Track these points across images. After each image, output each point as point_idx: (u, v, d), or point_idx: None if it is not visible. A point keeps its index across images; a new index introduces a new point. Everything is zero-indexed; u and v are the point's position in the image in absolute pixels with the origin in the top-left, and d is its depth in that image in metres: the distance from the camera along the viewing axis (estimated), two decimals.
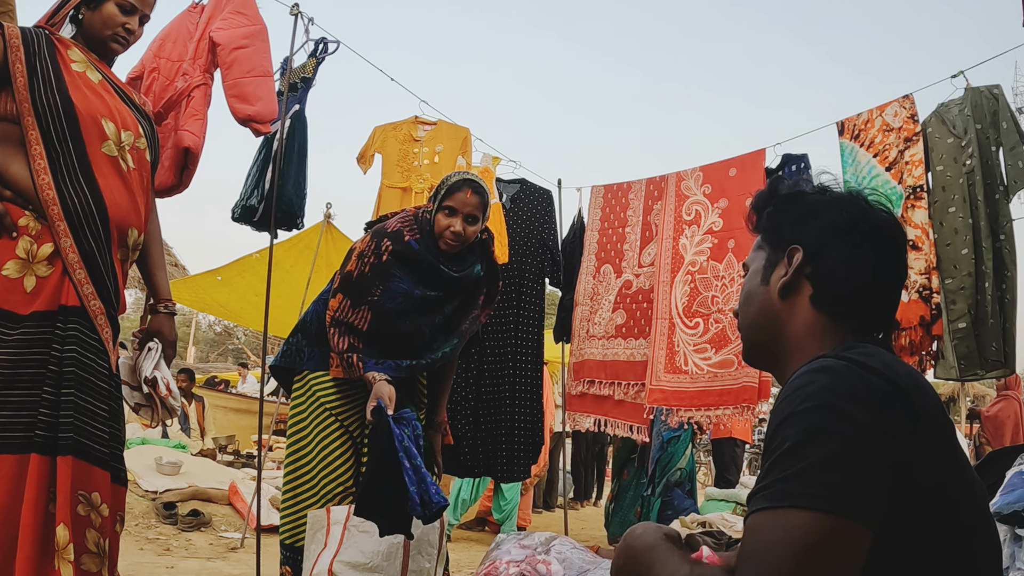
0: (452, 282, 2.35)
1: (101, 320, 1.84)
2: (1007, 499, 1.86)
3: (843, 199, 1.04)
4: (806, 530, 0.76)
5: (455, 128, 4.02)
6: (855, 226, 1.01)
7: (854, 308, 1.00)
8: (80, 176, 1.83)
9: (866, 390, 0.82)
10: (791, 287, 1.02)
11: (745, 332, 1.10)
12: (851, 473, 0.79)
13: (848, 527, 0.77)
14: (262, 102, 2.60)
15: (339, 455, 2.30)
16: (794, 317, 1.02)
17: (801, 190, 1.08)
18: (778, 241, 1.05)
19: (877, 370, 0.84)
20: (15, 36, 1.82)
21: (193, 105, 2.55)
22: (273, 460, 6.52)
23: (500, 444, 3.80)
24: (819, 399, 0.82)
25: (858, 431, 0.80)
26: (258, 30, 2.71)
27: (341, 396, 2.33)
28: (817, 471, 0.79)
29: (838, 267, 0.99)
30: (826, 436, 0.80)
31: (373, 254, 2.28)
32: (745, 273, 1.13)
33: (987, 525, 0.89)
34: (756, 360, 1.12)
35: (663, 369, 3.81)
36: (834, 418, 0.81)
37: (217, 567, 3.86)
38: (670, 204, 4.01)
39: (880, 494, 0.79)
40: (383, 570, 2.04)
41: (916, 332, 3.14)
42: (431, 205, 2.33)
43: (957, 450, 0.88)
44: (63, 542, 1.67)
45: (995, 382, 6.68)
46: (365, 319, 2.25)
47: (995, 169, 3.06)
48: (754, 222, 1.14)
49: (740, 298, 1.11)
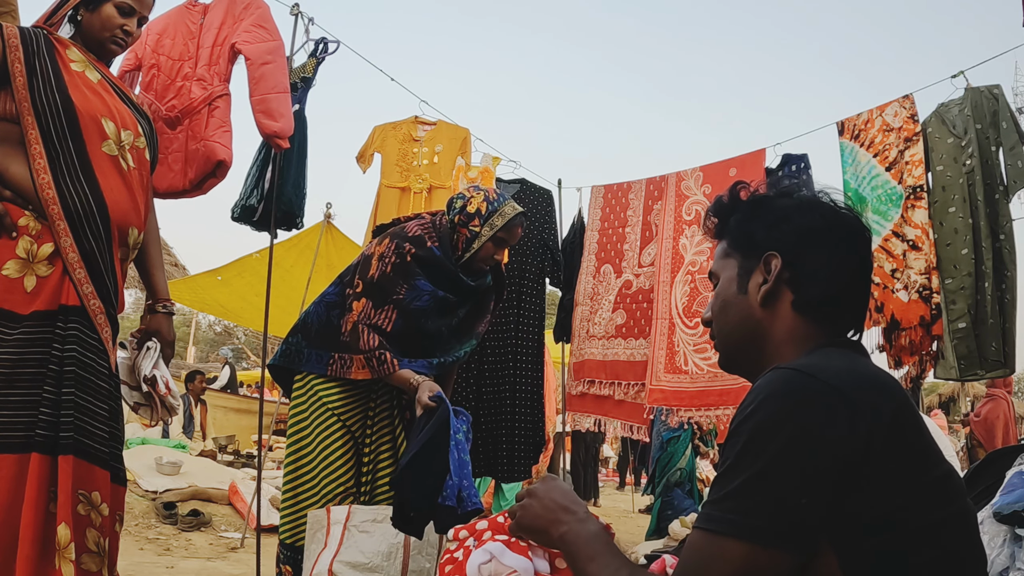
0: (469, 290, 2.40)
1: (101, 319, 1.84)
2: (1007, 499, 1.86)
3: (813, 202, 1.03)
4: (725, 558, 0.81)
5: (455, 128, 4.02)
6: (830, 229, 1.01)
7: (834, 310, 1.01)
8: (80, 175, 1.83)
9: (810, 409, 0.83)
10: (772, 295, 1.01)
11: (723, 341, 1.09)
12: (775, 499, 0.81)
13: (766, 555, 0.80)
14: (284, 119, 2.65)
15: (340, 455, 2.30)
16: (775, 324, 1.01)
17: (767, 195, 1.07)
18: (751, 248, 1.04)
19: (828, 384, 0.84)
20: (14, 36, 1.82)
21: (220, 115, 2.59)
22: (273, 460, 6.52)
23: (500, 444, 3.80)
24: (758, 421, 0.84)
25: (790, 454, 0.81)
26: (278, 46, 2.74)
27: (343, 396, 2.33)
28: (742, 497, 0.82)
29: (818, 271, 0.99)
30: (757, 460, 0.82)
31: (395, 254, 2.28)
32: (713, 281, 1.12)
33: (961, 517, 0.88)
34: (735, 368, 1.10)
35: (663, 369, 3.81)
36: (768, 442, 0.82)
37: (217, 567, 3.86)
38: (670, 204, 4.01)
39: (807, 517, 0.80)
40: (383, 570, 2.04)
41: (916, 332, 3.14)
42: (476, 223, 2.33)
43: (926, 447, 0.87)
44: (64, 541, 1.67)
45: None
46: (390, 319, 2.25)
47: (995, 169, 3.06)
48: (713, 228, 1.12)
49: (714, 308, 1.09)
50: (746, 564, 0.80)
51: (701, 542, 0.84)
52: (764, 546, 0.80)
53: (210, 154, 2.52)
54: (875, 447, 0.82)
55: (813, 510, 0.80)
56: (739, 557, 0.81)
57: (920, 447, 0.87)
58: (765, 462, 0.81)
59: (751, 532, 0.80)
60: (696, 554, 0.84)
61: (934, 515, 0.84)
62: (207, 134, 2.55)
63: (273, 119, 2.62)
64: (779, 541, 0.80)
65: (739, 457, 0.84)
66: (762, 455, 0.82)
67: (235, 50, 2.68)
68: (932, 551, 0.83)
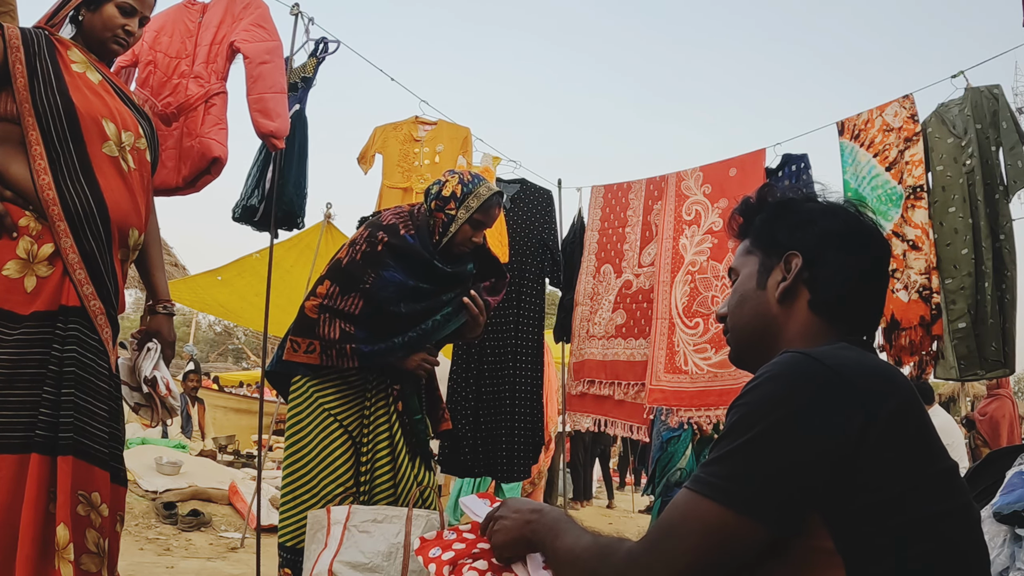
0: (446, 277, 2.36)
1: (101, 320, 1.84)
2: (1007, 499, 1.86)
3: (837, 208, 1.07)
4: (699, 517, 0.86)
5: (455, 128, 4.02)
6: (851, 233, 1.04)
7: (849, 311, 1.03)
8: (81, 176, 1.83)
9: (811, 389, 0.86)
10: (790, 292, 1.04)
11: (737, 335, 1.12)
12: (759, 470, 0.84)
13: (738, 521, 0.84)
14: (281, 119, 2.65)
15: (339, 456, 2.30)
16: (791, 321, 1.04)
17: (794, 198, 1.10)
18: (773, 246, 1.08)
19: (833, 368, 0.87)
20: (15, 37, 1.82)
21: (216, 113, 2.59)
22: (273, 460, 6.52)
23: (500, 444, 3.80)
24: (759, 394, 0.87)
25: (782, 430, 0.84)
26: (277, 46, 2.74)
27: (339, 397, 2.33)
28: (728, 464, 0.86)
29: (837, 273, 1.02)
30: (748, 431, 0.85)
31: (367, 243, 2.29)
32: (732, 278, 1.15)
33: (962, 512, 0.89)
34: (746, 362, 1.13)
35: (663, 369, 3.81)
36: (763, 416, 0.85)
37: (217, 567, 3.86)
38: (670, 204, 4.01)
39: (787, 493, 0.83)
40: (383, 570, 2.04)
41: (916, 332, 3.14)
42: (452, 207, 2.31)
43: (929, 441, 0.89)
44: (63, 542, 1.67)
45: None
46: (356, 306, 2.25)
47: (995, 169, 3.06)
48: (738, 227, 1.16)
49: (732, 302, 1.12)
50: (718, 526, 0.84)
51: (681, 499, 0.89)
52: (737, 512, 0.84)
53: (205, 151, 2.51)
54: (873, 434, 0.84)
55: (795, 488, 0.83)
56: (712, 518, 0.85)
57: (923, 440, 0.88)
58: (755, 434, 0.85)
59: (727, 496, 0.84)
60: (675, 509, 0.89)
61: (935, 507, 0.86)
62: (202, 131, 2.55)
63: (269, 118, 2.62)
64: (752, 510, 0.83)
65: (733, 426, 0.87)
66: (754, 427, 0.85)
67: (233, 49, 2.68)
68: (931, 543, 0.84)
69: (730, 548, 0.84)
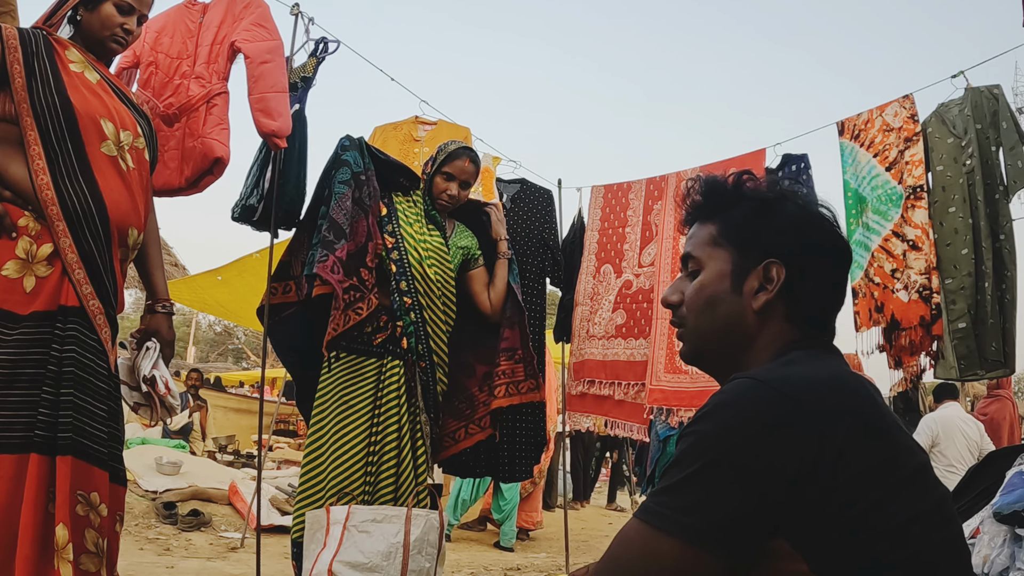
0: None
1: (100, 320, 1.84)
2: (1007, 499, 1.86)
3: (819, 217, 1.03)
4: (653, 551, 0.83)
5: (455, 128, 4.02)
6: (834, 249, 1.02)
7: (823, 324, 1.02)
8: (79, 176, 1.83)
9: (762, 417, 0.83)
10: (770, 304, 0.99)
11: (703, 336, 1.05)
12: (709, 500, 0.81)
13: (692, 552, 0.81)
14: (283, 118, 2.66)
15: (355, 455, 2.31)
16: (765, 330, 1.00)
17: (775, 198, 1.04)
18: (749, 247, 1.01)
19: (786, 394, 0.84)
20: (13, 37, 1.82)
21: (218, 113, 2.59)
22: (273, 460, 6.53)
23: (502, 444, 3.79)
24: (710, 422, 0.85)
25: (733, 458, 0.82)
26: (278, 46, 2.75)
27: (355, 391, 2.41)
28: (679, 494, 0.83)
29: (819, 287, 1.00)
30: (698, 460, 0.83)
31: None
32: (688, 266, 1.07)
33: (935, 511, 0.87)
34: (703, 362, 1.09)
35: (663, 369, 3.81)
36: (713, 445, 0.83)
37: (217, 567, 3.86)
38: (670, 204, 4.00)
39: (740, 522, 0.81)
40: (383, 570, 2.04)
41: (916, 332, 3.14)
42: (428, 168, 2.64)
43: (893, 446, 0.87)
44: (62, 542, 1.67)
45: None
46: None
47: (995, 169, 3.06)
48: (697, 208, 1.07)
49: (698, 299, 1.04)
50: (670, 558, 0.82)
51: (631, 529, 0.86)
52: (691, 544, 0.81)
53: (207, 151, 2.52)
54: (830, 455, 0.81)
55: (746, 516, 0.81)
56: (664, 549, 0.82)
57: (886, 448, 0.86)
58: (705, 463, 0.82)
59: (679, 528, 0.82)
60: (624, 539, 0.87)
61: (906, 513, 0.84)
62: (204, 131, 2.55)
63: (271, 118, 2.63)
64: (705, 541, 0.81)
65: (683, 454, 0.85)
66: (704, 456, 0.83)
67: (234, 48, 2.68)
68: (906, 549, 0.83)
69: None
